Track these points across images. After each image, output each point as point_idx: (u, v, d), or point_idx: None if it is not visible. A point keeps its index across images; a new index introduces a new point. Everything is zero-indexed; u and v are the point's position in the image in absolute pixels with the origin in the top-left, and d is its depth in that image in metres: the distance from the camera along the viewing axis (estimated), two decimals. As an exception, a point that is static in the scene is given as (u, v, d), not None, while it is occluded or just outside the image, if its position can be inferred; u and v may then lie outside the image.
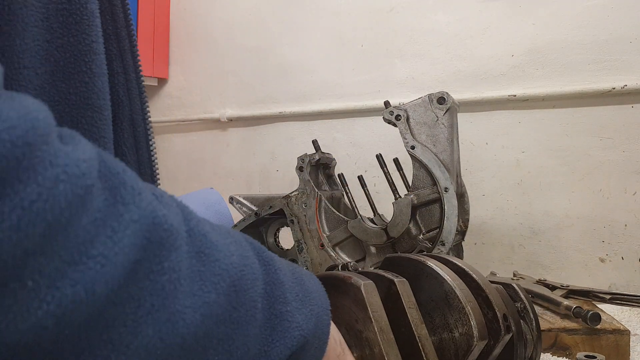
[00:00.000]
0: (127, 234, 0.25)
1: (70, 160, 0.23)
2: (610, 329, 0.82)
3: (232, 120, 1.93)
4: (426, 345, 0.47)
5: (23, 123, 0.22)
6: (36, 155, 0.22)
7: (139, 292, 0.26)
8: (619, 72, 1.32)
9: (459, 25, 1.51)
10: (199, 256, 0.30)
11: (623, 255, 1.32)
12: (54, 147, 0.23)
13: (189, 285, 0.28)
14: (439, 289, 0.52)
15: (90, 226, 0.24)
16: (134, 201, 0.26)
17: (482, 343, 0.50)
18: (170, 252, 0.27)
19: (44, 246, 0.22)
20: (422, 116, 1.07)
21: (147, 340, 0.26)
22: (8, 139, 0.21)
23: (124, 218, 0.25)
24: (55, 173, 0.22)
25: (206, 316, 0.29)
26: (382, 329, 0.45)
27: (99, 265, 0.23)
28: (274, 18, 1.85)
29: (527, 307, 0.60)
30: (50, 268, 0.22)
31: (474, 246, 1.48)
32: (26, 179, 0.21)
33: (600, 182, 1.34)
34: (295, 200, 1.17)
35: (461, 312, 0.50)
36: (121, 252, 0.24)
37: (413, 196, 1.06)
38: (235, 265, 0.32)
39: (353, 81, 1.69)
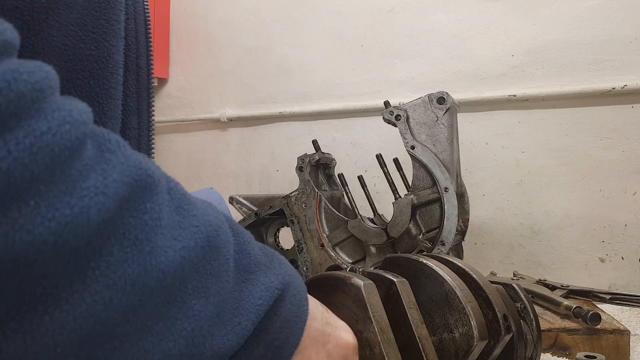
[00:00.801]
0: (116, 172, 0.29)
1: (73, 108, 0.28)
2: (610, 329, 0.82)
3: (232, 120, 1.93)
4: (426, 346, 0.47)
5: (39, 71, 0.26)
6: (47, 98, 0.26)
7: (124, 226, 0.29)
8: (619, 72, 1.32)
9: (459, 25, 1.51)
10: (178, 210, 0.33)
11: (623, 255, 1.32)
12: (59, 97, 0.28)
13: (170, 229, 0.32)
14: (439, 289, 0.52)
15: (83, 167, 0.27)
16: (119, 150, 0.30)
17: (482, 343, 0.50)
18: (152, 196, 0.31)
19: (47, 174, 0.25)
20: (422, 116, 1.07)
21: (130, 270, 0.29)
22: (28, 81, 0.25)
23: (112, 161, 0.29)
24: (62, 115, 0.26)
25: (185, 259, 0.32)
26: (382, 329, 0.45)
27: (92, 194, 0.27)
28: (274, 18, 1.85)
29: (527, 307, 0.60)
30: (50, 193, 0.26)
31: (474, 246, 1.48)
32: (37, 116, 0.25)
33: (600, 182, 1.34)
34: (295, 200, 1.17)
35: (461, 312, 0.50)
36: (111, 186, 0.28)
37: (413, 196, 1.06)
38: (212, 224, 0.35)
39: (353, 81, 1.69)
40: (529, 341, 0.59)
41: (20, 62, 0.26)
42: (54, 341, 0.26)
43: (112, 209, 0.28)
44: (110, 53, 0.42)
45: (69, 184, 0.26)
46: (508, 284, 0.61)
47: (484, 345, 0.50)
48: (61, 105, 0.27)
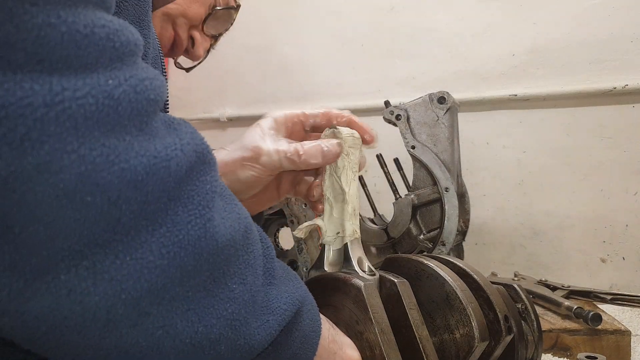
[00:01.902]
0: (186, 139, 0.31)
1: (156, 72, 0.31)
2: (611, 329, 0.81)
3: (231, 120, 1.93)
4: (427, 347, 0.47)
5: (136, 32, 0.30)
6: (140, 56, 0.31)
7: (190, 190, 0.31)
8: (620, 72, 1.31)
9: (459, 24, 1.51)
10: (222, 196, 0.35)
11: (624, 256, 1.32)
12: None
13: (222, 204, 0.34)
14: (440, 290, 0.51)
15: (160, 127, 0.30)
16: (185, 126, 0.33)
17: (483, 344, 0.50)
18: (211, 170, 0.33)
19: (138, 119, 0.29)
20: (423, 116, 1.06)
21: (193, 232, 0.31)
22: (134, 33, 0.30)
23: (180, 132, 0.32)
24: (154, 73, 0.31)
25: (232, 238, 0.34)
26: (382, 330, 0.45)
27: (172, 148, 0.30)
28: (274, 17, 1.84)
29: (528, 307, 0.60)
30: (142, 134, 0.29)
31: (475, 246, 1.47)
32: (136, 66, 0.30)
33: (601, 182, 1.34)
34: (295, 200, 1.16)
35: (462, 313, 0.50)
36: (185, 148, 0.31)
37: (413, 196, 1.05)
38: (248, 219, 0.37)
39: (353, 80, 1.69)
40: (530, 342, 0.59)
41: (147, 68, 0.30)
42: (120, 287, 0.28)
43: (184, 169, 0.30)
44: None
45: (153, 134, 0.29)
46: (509, 285, 0.61)
47: (484, 346, 0.50)
48: (147, 66, 0.31)
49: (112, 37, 0.27)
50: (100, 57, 0.27)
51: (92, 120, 0.26)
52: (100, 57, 0.27)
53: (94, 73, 0.26)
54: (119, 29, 0.28)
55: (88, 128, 0.26)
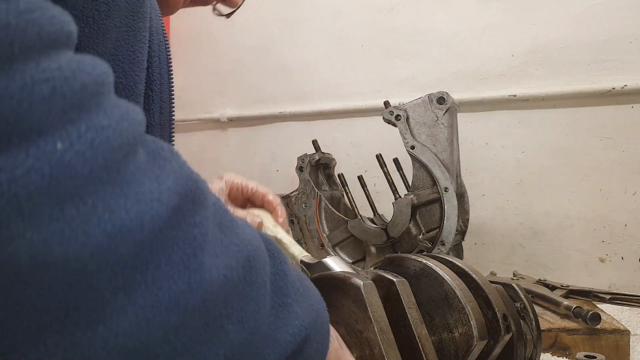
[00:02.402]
0: (170, 179, 0.28)
1: (130, 107, 0.28)
2: (610, 329, 0.82)
3: (232, 120, 1.93)
4: (426, 346, 0.47)
5: (100, 65, 0.27)
6: (106, 93, 0.26)
7: (174, 238, 0.28)
8: (619, 72, 1.32)
9: (459, 25, 1.51)
10: (220, 227, 0.32)
11: (623, 255, 1.32)
12: (115, 97, 0.28)
13: (214, 246, 0.30)
14: (439, 289, 0.52)
15: (137, 169, 0.27)
16: (172, 157, 0.30)
17: (482, 343, 0.50)
18: (201, 208, 0.30)
19: (105, 172, 0.25)
20: (422, 116, 1.06)
21: (176, 287, 0.28)
22: (91, 73, 0.25)
23: (166, 168, 0.29)
24: (121, 112, 0.26)
25: (227, 278, 0.30)
26: (382, 329, 0.45)
27: (147, 199, 0.26)
28: (274, 18, 1.85)
29: (527, 307, 0.60)
30: (107, 193, 0.25)
31: (474, 246, 1.48)
32: (98, 110, 0.25)
33: (601, 182, 1.34)
34: (295, 200, 1.17)
35: (461, 312, 0.50)
36: (165, 193, 0.27)
37: (413, 196, 1.06)
38: (252, 243, 0.34)
39: (353, 81, 1.69)
40: (529, 341, 0.59)
41: (82, 55, 0.26)
42: (94, 358, 0.26)
43: (164, 218, 0.27)
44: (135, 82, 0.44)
45: (125, 186, 0.26)
46: (508, 284, 0.61)
47: (483, 345, 0.50)
48: (119, 102, 0.27)
49: (60, 89, 0.23)
50: (46, 117, 0.23)
51: (39, 197, 0.23)
52: (46, 116, 0.23)
53: (39, 138, 0.23)
54: (75, 72, 0.24)
55: (35, 206, 0.22)
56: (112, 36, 0.41)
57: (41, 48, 0.24)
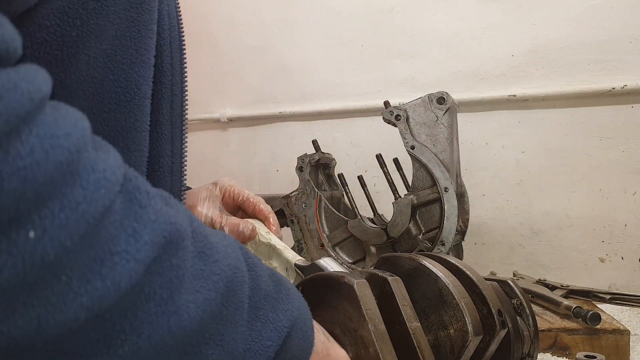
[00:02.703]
0: (147, 231, 0.27)
1: (107, 167, 0.26)
2: (610, 328, 0.82)
3: (232, 120, 1.93)
4: (421, 342, 0.47)
5: (75, 131, 0.24)
6: (81, 161, 0.24)
7: (151, 285, 0.28)
8: (619, 72, 1.32)
9: (458, 25, 1.51)
10: (200, 256, 0.32)
11: (623, 255, 1.32)
12: (93, 153, 0.25)
13: (192, 282, 0.31)
14: (433, 287, 0.52)
15: (112, 226, 0.26)
16: (149, 203, 0.28)
17: (477, 338, 0.50)
18: (179, 250, 0.30)
19: (79, 245, 0.24)
20: (422, 116, 1.07)
21: (155, 332, 0.28)
22: (65, 146, 0.23)
23: (143, 218, 0.27)
24: (97, 178, 0.25)
25: (206, 312, 0.31)
26: (375, 326, 0.45)
27: (124, 260, 0.26)
28: (274, 18, 1.85)
29: (523, 303, 0.60)
30: (81, 264, 0.24)
31: (474, 246, 1.48)
32: (72, 183, 0.23)
33: (600, 182, 1.34)
34: (295, 200, 1.17)
35: (455, 308, 0.50)
36: (142, 249, 0.27)
37: (413, 196, 1.06)
38: (231, 267, 0.34)
39: (353, 81, 1.69)
40: (526, 337, 0.59)
41: (57, 105, 0.24)
42: None
43: (142, 274, 0.27)
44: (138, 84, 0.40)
45: (100, 251, 0.25)
46: (503, 281, 0.61)
47: (479, 341, 0.50)
48: (95, 164, 0.25)
49: (30, 174, 0.21)
50: (15, 203, 0.21)
51: (13, 291, 0.22)
52: (15, 203, 0.21)
53: (10, 228, 0.21)
54: (50, 145, 0.22)
55: (9, 300, 0.22)
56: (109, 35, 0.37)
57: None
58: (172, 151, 0.50)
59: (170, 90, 0.49)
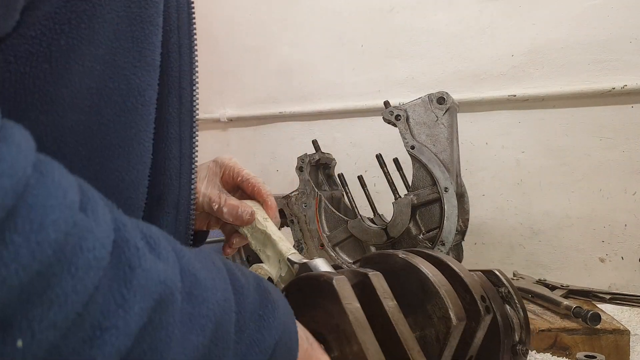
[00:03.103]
0: (137, 300, 0.26)
1: (97, 240, 0.24)
2: (610, 328, 0.82)
3: (232, 120, 1.93)
4: (404, 331, 0.47)
5: (62, 214, 0.22)
6: (69, 242, 0.23)
7: (140, 350, 0.27)
8: (619, 72, 1.32)
9: (458, 25, 1.51)
10: (189, 298, 0.31)
11: (623, 255, 1.32)
12: (81, 225, 0.23)
13: (181, 331, 0.29)
14: (415, 279, 0.52)
15: (101, 298, 0.24)
16: (139, 263, 0.27)
17: (461, 324, 0.49)
18: (168, 307, 0.28)
19: (69, 332, 0.23)
20: (422, 116, 1.07)
21: None
22: (53, 238, 0.22)
23: (133, 284, 0.26)
24: (86, 260, 0.23)
25: (195, 357, 0.30)
26: (356, 318, 0.45)
27: (113, 337, 0.24)
28: (274, 18, 1.85)
29: (511, 291, 0.60)
30: (70, 350, 0.23)
31: (474, 246, 1.48)
32: (61, 272, 0.22)
33: (600, 182, 1.34)
34: (295, 200, 1.17)
35: (436, 296, 0.50)
36: (132, 320, 0.25)
37: (413, 196, 1.06)
38: (219, 303, 0.33)
39: (353, 81, 1.69)
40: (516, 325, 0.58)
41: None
42: None
43: (131, 343, 0.26)
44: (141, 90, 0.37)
45: (89, 329, 0.23)
46: (489, 271, 0.61)
47: (462, 326, 0.50)
48: (84, 240, 0.23)
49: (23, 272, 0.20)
50: (5, 308, 0.20)
51: None
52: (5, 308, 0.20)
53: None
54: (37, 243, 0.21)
55: None
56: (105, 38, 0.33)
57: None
58: (180, 152, 0.47)
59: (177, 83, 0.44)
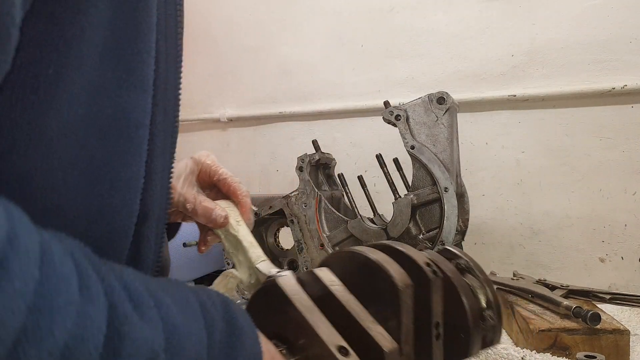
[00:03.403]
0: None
1: (98, 332, 0.26)
2: (610, 328, 0.82)
3: (232, 120, 1.93)
4: (354, 308, 0.47)
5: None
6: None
7: None
8: (619, 72, 1.32)
9: (459, 25, 1.51)
10: (171, 352, 0.31)
11: (623, 255, 1.32)
12: (85, 310, 0.25)
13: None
14: (362, 264, 0.52)
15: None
16: (128, 333, 0.27)
17: (407, 289, 0.49)
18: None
19: None
20: (422, 116, 1.07)
21: None
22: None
23: (122, 355, 0.27)
24: (89, 350, 0.25)
25: None
26: (302, 304, 0.46)
27: None
28: (273, 18, 1.85)
29: (469, 263, 0.61)
30: None
31: (474, 246, 1.48)
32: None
33: (600, 182, 1.34)
34: (295, 200, 1.17)
35: (380, 271, 0.50)
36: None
37: (413, 196, 1.06)
38: (195, 347, 0.34)
39: (353, 81, 1.69)
40: (479, 291, 0.59)
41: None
42: None
43: None
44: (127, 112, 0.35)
45: None
46: (443, 249, 0.63)
47: (410, 291, 0.50)
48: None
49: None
50: None
51: None
52: None
53: None
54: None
55: None
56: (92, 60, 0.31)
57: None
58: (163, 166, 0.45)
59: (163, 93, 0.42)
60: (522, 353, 0.79)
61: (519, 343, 0.89)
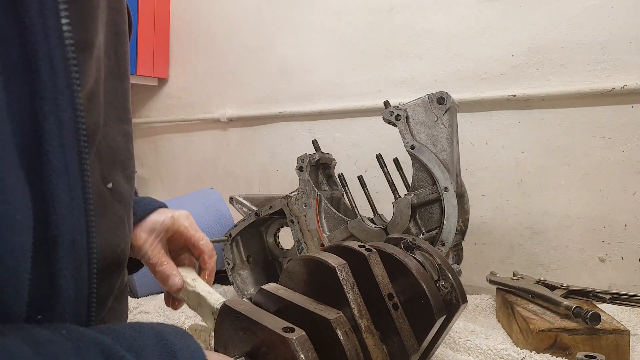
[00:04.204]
0: None
1: None
2: (610, 328, 0.82)
3: (232, 120, 1.93)
4: (300, 300, 0.52)
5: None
6: None
7: None
8: (619, 72, 1.32)
9: (458, 25, 1.51)
10: None
11: (623, 255, 1.32)
12: None
13: None
14: (310, 266, 0.57)
15: None
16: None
17: (342, 267, 0.54)
18: None
19: None
20: (422, 116, 1.07)
21: None
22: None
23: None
24: None
25: None
26: (249, 310, 0.49)
27: None
28: (274, 18, 1.85)
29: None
30: None
31: (474, 246, 1.48)
32: None
33: (600, 182, 1.34)
34: (295, 200, 1.17)
35: (320, 263, 0.55)
36: None
37: (413, 196, 1.06)
38: None
39: (353, 81, 1.69)
40: (428, 264, 0.65)
41: None
42: None
43: None
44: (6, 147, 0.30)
45: None
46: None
47: (345, 269, 0.54)
48: None
49: None
50: None
51: None
52: None
53: None
54: None
55: None
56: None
57: None
58: (69, 185, 0.38)
59: (55, 105, 0.36)
60: (522, 354, 0.79)
61: (518, 343, 0.89)
